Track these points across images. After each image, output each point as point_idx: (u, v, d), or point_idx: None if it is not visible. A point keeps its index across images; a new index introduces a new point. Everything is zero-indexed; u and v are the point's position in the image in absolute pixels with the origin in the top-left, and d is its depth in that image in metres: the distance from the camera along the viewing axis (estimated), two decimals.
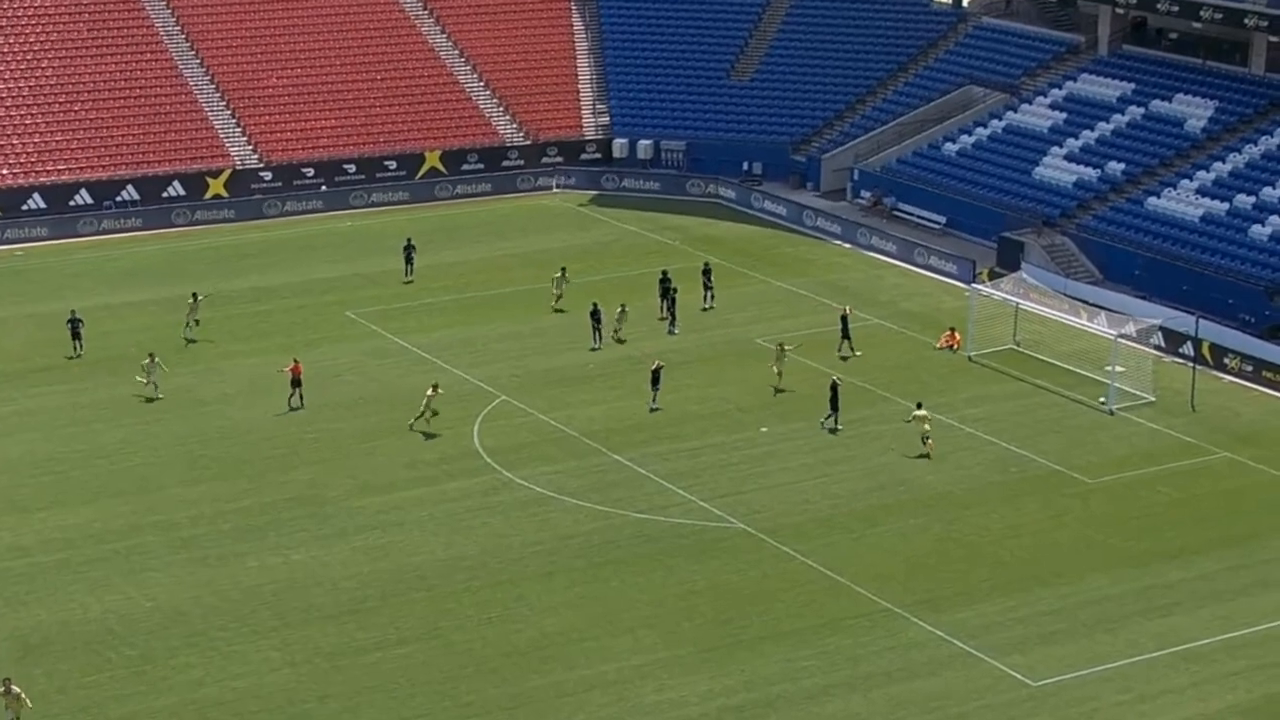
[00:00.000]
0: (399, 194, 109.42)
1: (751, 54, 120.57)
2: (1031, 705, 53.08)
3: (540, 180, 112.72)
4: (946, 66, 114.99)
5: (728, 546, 63.39)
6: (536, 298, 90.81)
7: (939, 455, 71.40)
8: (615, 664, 55.04)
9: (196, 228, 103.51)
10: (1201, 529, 65.26)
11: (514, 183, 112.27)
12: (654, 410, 74.78)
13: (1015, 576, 61.41)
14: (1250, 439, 74.26)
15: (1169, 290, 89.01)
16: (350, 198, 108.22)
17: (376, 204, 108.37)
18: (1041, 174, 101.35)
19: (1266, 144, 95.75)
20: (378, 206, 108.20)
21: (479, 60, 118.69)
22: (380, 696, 52.96)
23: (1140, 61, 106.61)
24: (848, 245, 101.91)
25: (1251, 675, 54.78)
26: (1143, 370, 79.45)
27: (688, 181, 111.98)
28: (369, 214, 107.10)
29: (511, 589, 59.91)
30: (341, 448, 71.67)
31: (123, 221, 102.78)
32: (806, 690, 53.69)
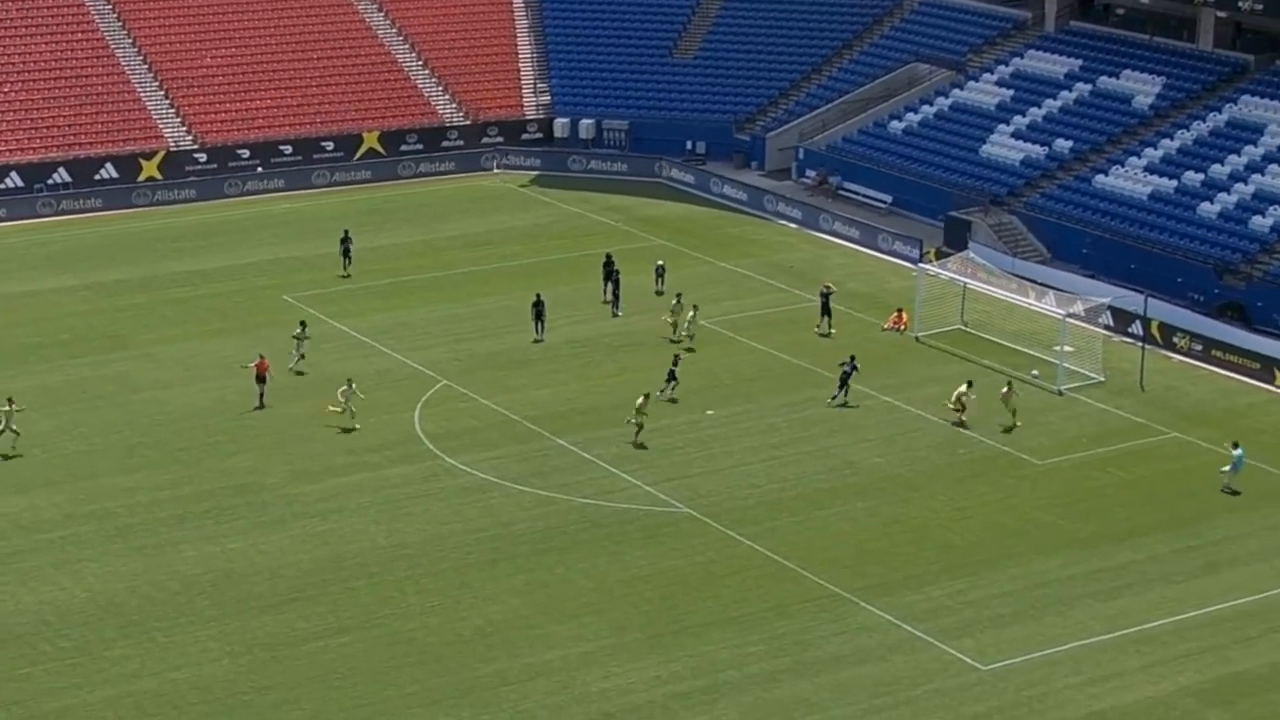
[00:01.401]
0: (336, 175, 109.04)
1: (694, 32, 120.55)
2: (981, 689, 53.25)
3: (486, 160, 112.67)
4: (892, 43, 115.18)
5: (673, 531, 63.42)
6: (477, 280, 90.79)
7: (885, 436, 71.59)
8: (560, 651, 55.01)
9: (130, 210, 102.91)
10: (1151, 510, 65.57)
11: (454, 163, 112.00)
12: (672, 401, 74.75)
13: (964, 559, 61.62)
14: (1199, 419, 74.64)
15: (1117, 269, 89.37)
16: (287, 179, 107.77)
17: (313, 186, 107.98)
18: (988, 152, 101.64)
19: (1215, 121, 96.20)
20: (315, 188, 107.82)
21: (417, 39, 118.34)
22: (321, 687, 52.81)
23: (1087, 38, 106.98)
24: (793, 225, 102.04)
25: (1202, 657, 55.07)
26: (1091, 350, 79.78)
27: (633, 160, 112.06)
28: (306, 196, 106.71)
29: (454, 576, 59.82)
30: (279, 434, 71.42)
31: (55, 205, 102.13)
32: (754, 676, 53.76)
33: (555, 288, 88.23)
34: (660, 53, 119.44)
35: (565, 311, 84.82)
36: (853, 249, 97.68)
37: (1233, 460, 66.54)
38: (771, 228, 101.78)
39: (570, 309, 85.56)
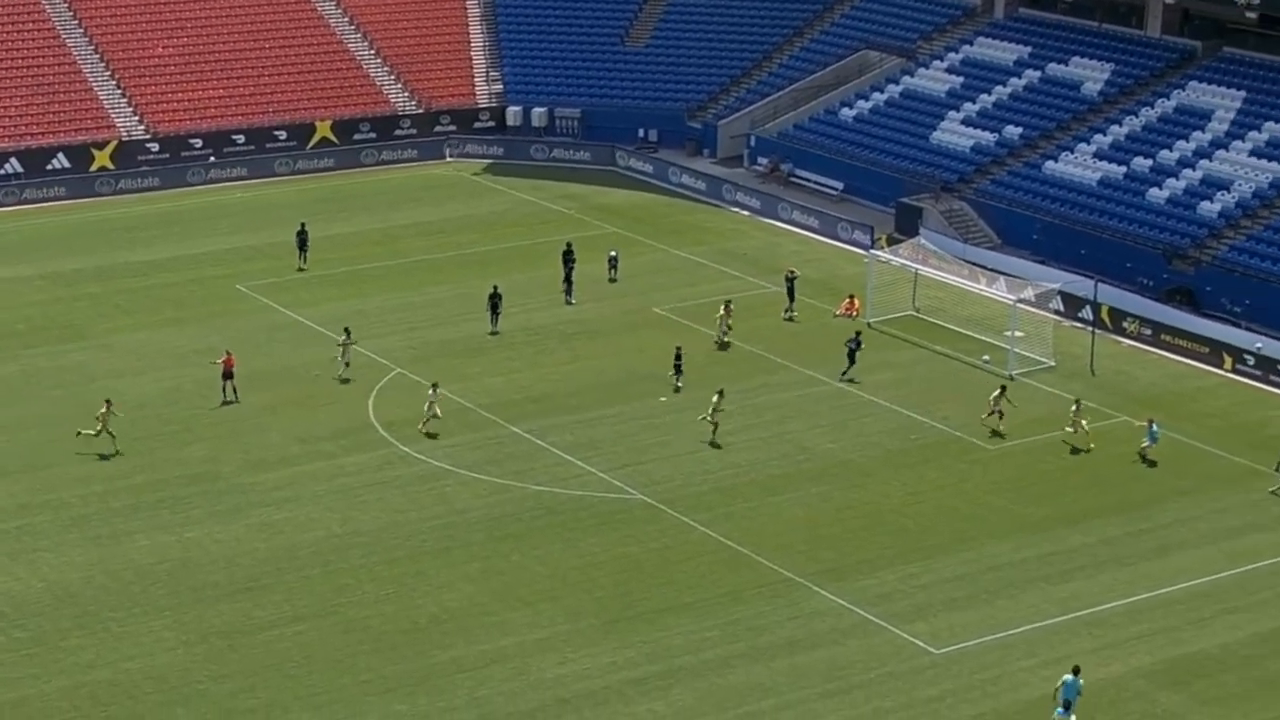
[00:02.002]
0: (290, 164, 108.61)
1: (645, 20, 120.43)
2: (934, 673, 53.38)
3: (450, 149, 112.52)
4: (843, 31, 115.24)
5: (628, 518, 63.41)
6: (431, 268, 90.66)
7: (839, 421, 71.69)
8: (516, 638, 54.97)
9: (82, 200, 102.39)
10: (1102, 493, 65.78)
11: (407, 152, 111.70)
12: (677, 391, 74.64)
13: (917, 544, 61.74)
14: (1149, 402, 74.88)
15: (1067, 254, 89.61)
16: (240, 169, 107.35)
17: (267, 175, 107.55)
18: (939, 139, 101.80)
19: (1163, 107, 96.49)
20: (268, 177, 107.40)
21: (369, 28, 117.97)
22: (276, 675, 52.68)
23: (1036, 24, 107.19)
24: (745, 212, 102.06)
25: (1154, 639, 55.29)
26: (1042, 335, 80.00)
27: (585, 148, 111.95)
28: (259, 185, 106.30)
29: (409, 564, 59.72)
30: (234, 424, 71.17)
31: (6, 195, 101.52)
32: (709, 661, 53.80)
33: (510, 276, 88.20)
34: (612, 41, 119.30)
35: (519, 300, 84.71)
36: (805, 236, 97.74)
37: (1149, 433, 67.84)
38: (725, 215, 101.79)
39: (525, 297, 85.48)
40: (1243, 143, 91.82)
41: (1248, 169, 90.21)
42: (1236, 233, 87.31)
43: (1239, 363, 78.55)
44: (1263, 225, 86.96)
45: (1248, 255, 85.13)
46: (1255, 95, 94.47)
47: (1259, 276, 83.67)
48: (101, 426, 67.45)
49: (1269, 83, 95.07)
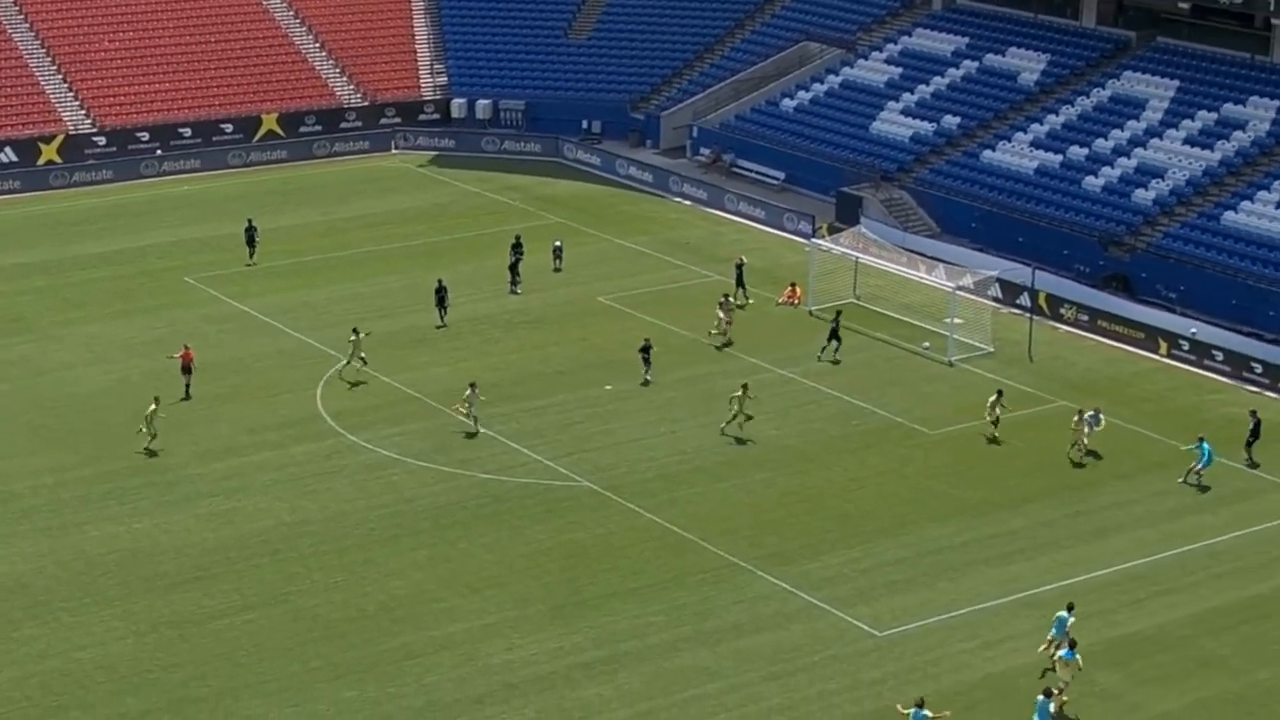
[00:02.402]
0: (236, 157, 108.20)
1: (588, 12, 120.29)
2: (877, 655, 53.55)
3: (400, 141, 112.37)
4: (783, 23, 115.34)
5: (574, 505, 63.41)
6: (378, 259, 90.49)
7: (782, 408, 71.80)
8: (464, 624, 54.94)
9: (30, 194, 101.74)
10: (1041, 477, 66.04)
11: (352, 144, 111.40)
12: (645, 384, 74.30)
13: (859, 528, 61.90)
14: (1086, 388, 75.22)
15: (1005, 242, 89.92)
16: (187, 161, 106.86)
17: (213, 168, 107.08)
18: (878, 129, 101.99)
19: (1098, 96, 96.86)
20: (215, 170, 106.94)
21: (314, 21, 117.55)
22: (227, 664, 52.53)
23: (973, 15, 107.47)
24: (689, 202, 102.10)
25: (1091, 620, 55.46)
26: (981, 322, 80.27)
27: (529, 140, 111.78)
28: (206, 178, 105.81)
29: (358, 552, 59.61)
30: (183, 414, 70.84)
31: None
32: (655, 646, 53.86)
33: (456, 266, 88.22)
34: (555, 34, 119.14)
35: (465, 290, 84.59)
36: (748, 225, 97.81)
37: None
38: (668, 205, 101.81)
39: (471, 287, 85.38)
40: (1176, 131, 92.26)
41: (1181, 157, 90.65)
42: (1171, 220, 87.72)
43: (1174, 348, 78.93)
44: (1196, 213, 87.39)
45: (1182, 242, 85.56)
46: (1188, 84, 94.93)
47: (1193, 263, 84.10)
48: (149, 424, 67.12)
49: (1202, 72, 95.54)
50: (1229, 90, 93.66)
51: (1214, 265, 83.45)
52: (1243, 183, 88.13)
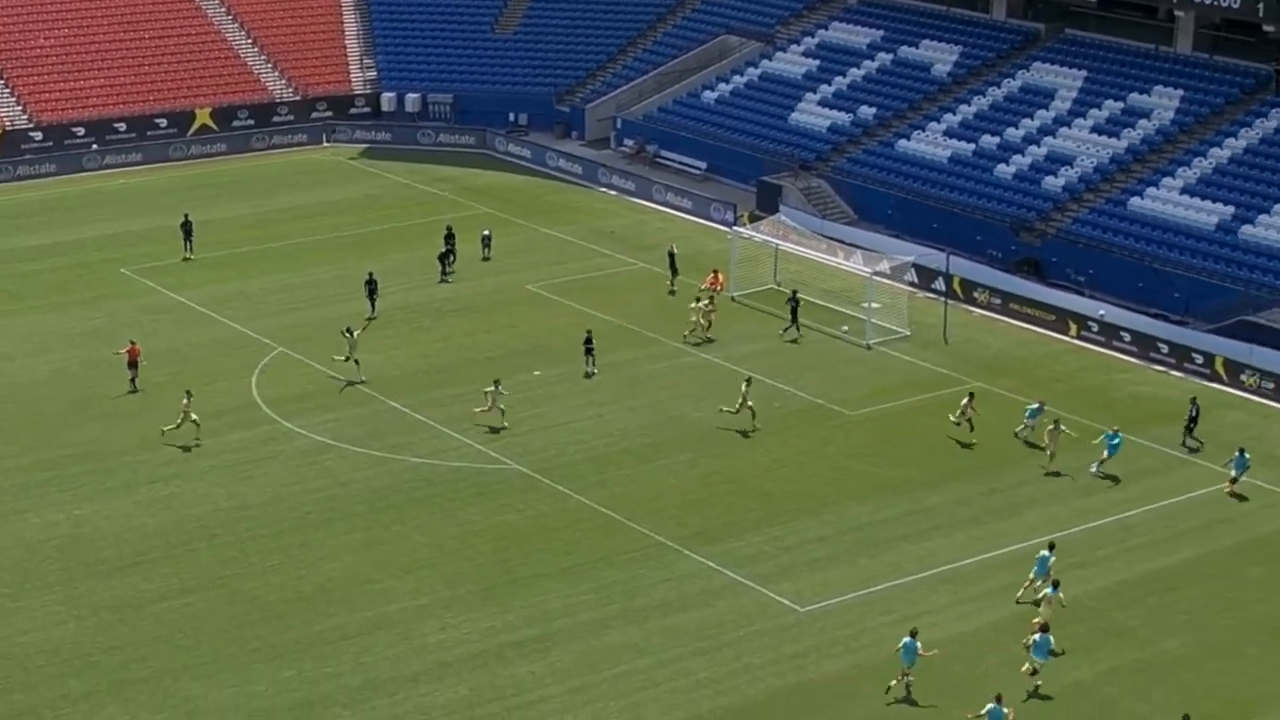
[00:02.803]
0: (171, 151, 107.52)
1: (514, 8, 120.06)
2: (799, 630, 53.71)
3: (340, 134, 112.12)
4: (703, 17, 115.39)
5: (505, 488, 63.35)
6: (310, 250, 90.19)
7: (705, 391, 71.87)
8: (399, 605, 54.84)
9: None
10: (956, 456, 66.32)
11: (285, 137, 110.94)
12: (589, 375, 73.75)
13: (782, 507, 62.05)
14: (1000, 369, 75.60)
15: (920, 228, 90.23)
16: (121, 155, 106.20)
17: (148, 161, 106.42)
18: (797, 119, 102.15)
19: (1009, 86, 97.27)
20: (150, 164, 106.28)
21: (246, 18, 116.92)
22: (167, 646, 52.30)
23: (888, 9, 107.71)
24: (614, 192, 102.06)
25: (1007, 594, 55.81)
26: (897, 306, 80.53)
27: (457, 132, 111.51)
28: (141, 171, 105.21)
29: (294, 536, 59.42)
30: (121, 403, 70.48)
31: None
32: (585, 624, 53.89)
33: (387, 257, 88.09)
34: (482, 28, 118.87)
35: (396, 279, 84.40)
36: (671, 214, 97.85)
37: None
38: (594, 195, 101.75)
39: (402, 277, 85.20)
40: (1084, 120, 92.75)
41: (1089, 145, 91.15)
42: (1079, 206, 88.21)
43: (1083, 329, 79.42)
44: (1104, 199, 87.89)
45: (1090, 227, 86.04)
46: (1095, 75, 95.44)
47: (1101, 247, 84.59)
48: (183, 418, 66.37)
49: (1108, 62, 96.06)
50: (1135, 80, 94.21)
51: (1121, 249, 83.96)
52: (1148, 169, 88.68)
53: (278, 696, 49.81)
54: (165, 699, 49.64)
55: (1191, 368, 75.48)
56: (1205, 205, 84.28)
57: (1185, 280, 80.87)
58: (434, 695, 49.98)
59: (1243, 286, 78.96)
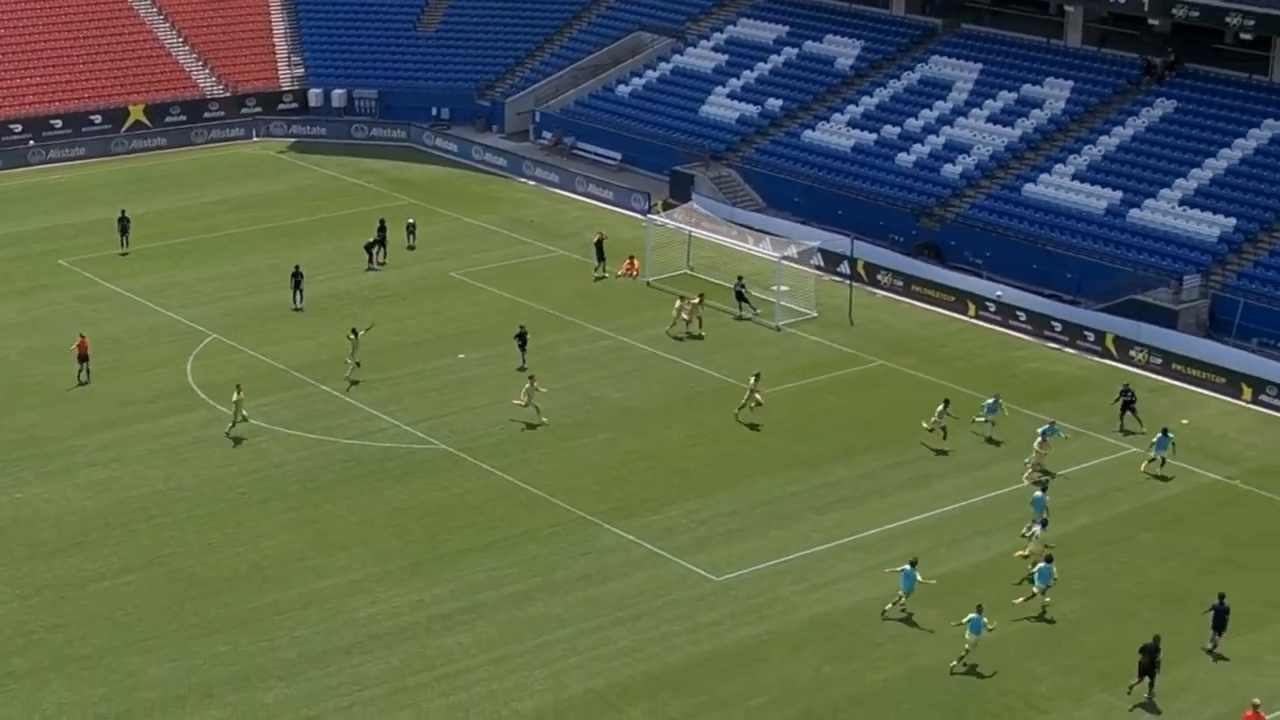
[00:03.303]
0: (106, 146, 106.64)
1: (435, 7, 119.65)
2: (715, 599, 53.84)
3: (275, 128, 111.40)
4: (617, 14, 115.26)
5: (432, 467, 63.21)
6: (243, 241, 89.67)
7: (623, 373, 71.91)
8: (330, 581, 54.66)
9: None
10: (863, 431, 66.57)
11: (216, 132, 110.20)
12: (522, 369, 72.56)
13: (696, 482, 62.15)
14: (903, 348, 75.92)
15: (826, 215, 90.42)
16: (58, 151, 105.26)
17: (84, 157, 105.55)
18: (707, 112, 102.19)
19: (908, 79, 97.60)
20: (85, 159, 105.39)
21: (177, 17, 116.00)
22: (108, 623, 51.97)
23: (793, 5, 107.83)
24: (531, 182, 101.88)
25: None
26: (805, 289, 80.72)
27: (382, 126, 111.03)
28: (77, 166, 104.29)
29: (230, 516, 59.12)
30: (60, 390, 69.91)
31: None
32: (509, 596, 53.86)
33: (316, 246, 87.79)
34: (405, 26, 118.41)
35: (326, 268, 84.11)
36: (589, 203, 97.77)
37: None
38: (515, 186, 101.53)
39: (331, 266, 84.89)
40: (980, 110, 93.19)
41: (985, 134, 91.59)
42: (976, 192, 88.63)
43: (981, 309, 79.85)
44: (999, 185, 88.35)
45: (986, 212, 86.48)
46: (990, 67, 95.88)
47: (997, 231, 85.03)
48: (236, 411, 65.53)
49: (1002, 55, 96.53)
50: (1027, 72, 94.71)
51: (1016, 233, 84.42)
52: (1041, 157, 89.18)
53: (215, 670, 49.57)
54: (107, 674, 49.34)
55: (1084, 345, 76.03)
56: (1095, 190, 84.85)
57: (1077, 262, 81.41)
58: (366, 666, 49.86)
59: (1131, 267, 79.55)
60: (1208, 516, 59.97)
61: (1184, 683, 48.93)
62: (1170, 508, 60.37)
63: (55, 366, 71.85)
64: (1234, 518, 59.92)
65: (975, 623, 49.61)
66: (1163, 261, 79.34)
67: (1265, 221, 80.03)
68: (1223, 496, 61.14)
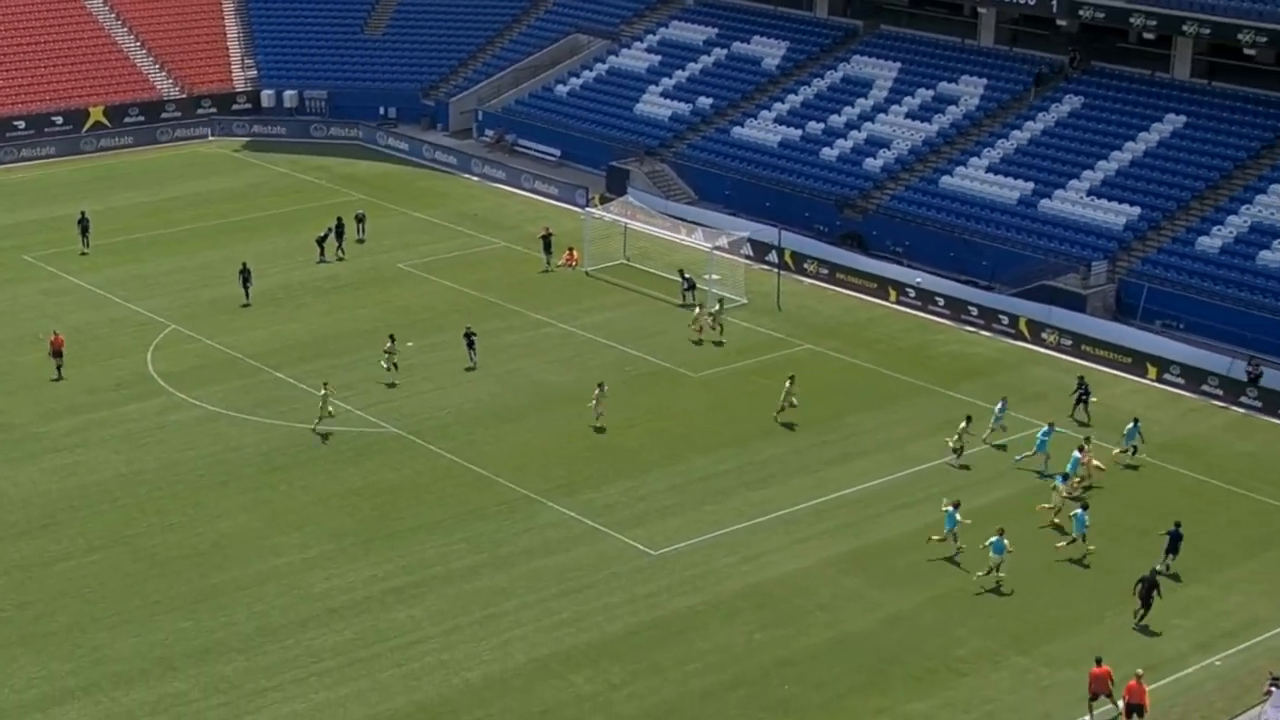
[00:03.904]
0: (66, 146, 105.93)
1: (382, 11, 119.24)
2: (652, 571, 53.96)
3: (238, 128, 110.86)
4: (555, 17, 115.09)
5: (383, 449, 63.08)
6: (199, 235, 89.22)
7: (564, 358, 71.92)
8: (287, 558, 54.52)
9: None
10: (791, 411, 66.61)
11: (172, 132, 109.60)
12: (470, 369, 72.02)
13: (634, 461, 62.21)
14: (828, 332, 76.15)
15: (755, 207, 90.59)
16: (21, 151, 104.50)
17: (46, 156, 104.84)
18: (641, 110, 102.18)
19: (831, 78, 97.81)
20: (48, 158, 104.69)
21: (133, 22, 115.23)
22: (74, 601, 51.72)
23: (722, 9, 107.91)
24: (475, 178, 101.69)
25: (838, 533, 56.38)
26: (735, 277, 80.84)
27: (332, 125, 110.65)
28: (40, 165, 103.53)
29: (190, 497, 58.88)
30: (26, 379, 69.45)
31: None
32: (457, 570, 53.85)
33: (270, 240, 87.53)
34: (353, 30, 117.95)
35: (279, 260, 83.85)
36: (530, 197, 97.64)
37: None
38: (457, 180, 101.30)
39: (284, 258, 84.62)
40: (899, 107, 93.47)
41: (904, 129, 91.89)
42: (896, 184, 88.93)
43: (902, 295, 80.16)
44: (918, 177, 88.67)
45: (906, 203, 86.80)
46: (908, 66, 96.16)
47: (916, 221, 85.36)
48: (323, 407, 64.40)
49: (920, 55, 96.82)
50: (943, 70, 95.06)
51: (934, 223, 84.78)
52: (956, 150, 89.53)
53: (178, 644, 49.40)
54: (74, 649, 49.11)
55: (998, 328, 76.43)
56: (1008, 182, 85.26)
57: (991, 250, 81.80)
58: (321, 639, 49.78)
59: (1042, 254, 80.00)
60: (1117, 488, 60.38)
61: (1094, 645, 49.32)
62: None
63: (20, 357, 71.42)
64: (1141, 489, 60.40)
65: (998, 544, 52.49)
66: (1072, 249, 79.82)
67: (1168, 210, 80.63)
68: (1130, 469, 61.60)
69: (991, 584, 52.72)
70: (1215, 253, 76.89)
